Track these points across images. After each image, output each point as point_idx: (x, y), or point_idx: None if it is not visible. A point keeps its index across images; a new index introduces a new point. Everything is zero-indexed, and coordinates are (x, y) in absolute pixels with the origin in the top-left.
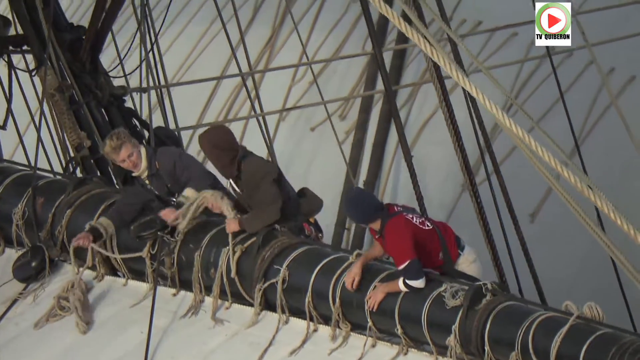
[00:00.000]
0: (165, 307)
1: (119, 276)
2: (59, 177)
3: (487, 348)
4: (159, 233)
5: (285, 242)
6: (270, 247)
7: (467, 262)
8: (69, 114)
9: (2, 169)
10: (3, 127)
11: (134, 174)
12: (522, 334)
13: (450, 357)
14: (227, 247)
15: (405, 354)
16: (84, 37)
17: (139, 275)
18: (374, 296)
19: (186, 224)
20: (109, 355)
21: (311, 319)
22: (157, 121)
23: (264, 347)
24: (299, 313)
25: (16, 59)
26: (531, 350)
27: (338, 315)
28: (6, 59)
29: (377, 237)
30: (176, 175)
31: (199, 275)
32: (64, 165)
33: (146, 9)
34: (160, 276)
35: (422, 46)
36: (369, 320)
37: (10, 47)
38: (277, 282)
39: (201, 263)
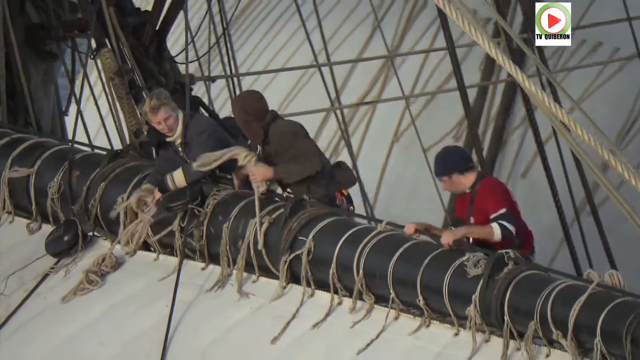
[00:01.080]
0: (193, 281)
1: (151, 251)
2: (97, 151)
3: (506, 318)
4: (188, 205)
5: (312, 213)
6: (298, 218)
7: None
8: (128, 98)
9: (42, 143)
10: (65, 113)
11: (168, 139)
12: (541, 302)
13: (470, 328)
14: (255, 218)
15: (428, 326)
16: None
17: (171, 249)
18: (452, 233)
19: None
20: (132, 327)
21: (336, 292)
22: (226, 112)
23: (287, 320)
24: (325, 286)
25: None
26: (550, 319)
27: (361, 286)
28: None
29: (459, 196)
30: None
31: (227, 247)
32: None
33: None
34: (190, 250)
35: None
36: (391, 291)
37: (75, 31)
38: (302, 253)
39: (229, 235)
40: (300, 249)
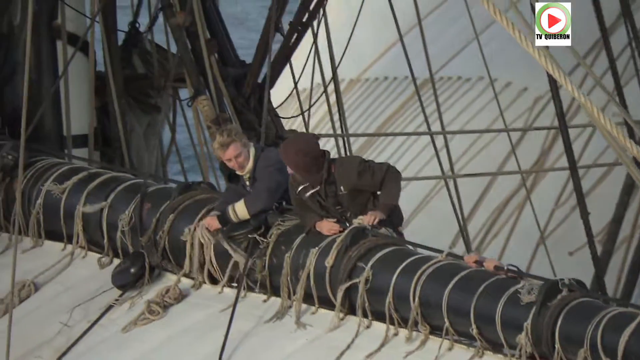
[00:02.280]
0: (253, 312)
1: (217, 284)
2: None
3: (557, 346)
4: (251, 234)
5: (373, 242)
6: (358, 247)
7: None
8: None
9: (117, 177)
10: (166, 158)
11: (238, 172)
12: (591, 330)
13: (520, 356)
14: (315, 248)
15: (481, 356)
16: None
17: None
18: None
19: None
20: (188, 356)
21: (391, 322)
22: None
23: (341, 350)
24: (382, 316)
25: None
26: (599, 347)
27: (417, 314)
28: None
29: None
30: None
31: (288, 278)
32: None
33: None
34: (253, 281)
35: None
36: (445, 320)
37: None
38: (359, 282)
39: (291, 265)
40: (358, 278)
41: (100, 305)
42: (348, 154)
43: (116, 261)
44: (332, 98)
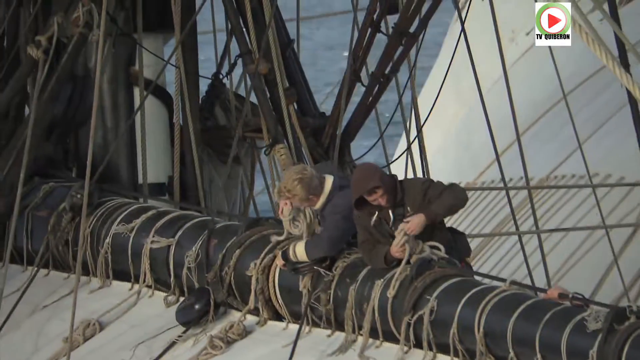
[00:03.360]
0: (316, 347)
1: (282, 321)
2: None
3: None
4: (315, 267)
5: (439, 273)
6: (423, 278)
7: None
8: None
9: (185, 215)
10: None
11: None
12: None
13: None
14: (380, 280)
15: None
16: None
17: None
18: None
19: None
20: None
21: (456, 354)
22: None
23: None
24: (448, 349)
25: None
26: None
27: (481, 345)
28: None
29: None
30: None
31: (352, 311)
32: None
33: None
34: (318, 317)
35: None
36: (510, 351)
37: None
38: (424, 313)
39: (355, 298)
40: (422, 310)
41: (164, 342)
42: None
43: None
44: None
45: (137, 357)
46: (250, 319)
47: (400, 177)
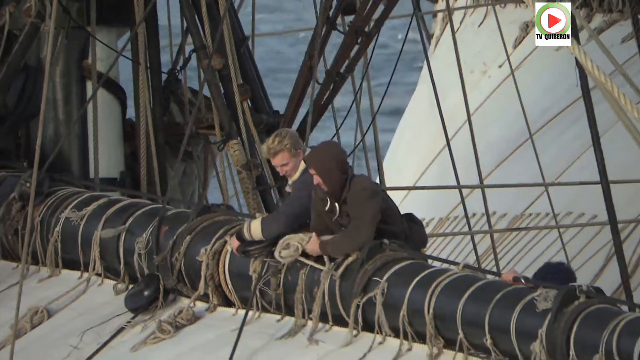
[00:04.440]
0: (265, 331)
1: (232, 307)
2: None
3: (572, 352)
4: (266, 249)
5: (390, 256)
6: (374, 261)
7: None
8: (255, 193)
9: (136, 203)
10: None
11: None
12: (607, 335)
13: None
14: (331, 263)
15: None
16: None
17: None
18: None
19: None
20: None
21: (405, 337)
22: None
23: None
24: (397, 332)
25: None
26: (615, 353)
27: (431, 327)
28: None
29: None
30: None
31: (302, 295)
32: None
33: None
34: (268, 302)
35: None
36: (460, 332)
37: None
38: (374, 295)
39: (305, 282)
40: (372, 292)
41: (113, 328)
42: None
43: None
44: None
45: (85, 342)
46: (200, 305)
47: None
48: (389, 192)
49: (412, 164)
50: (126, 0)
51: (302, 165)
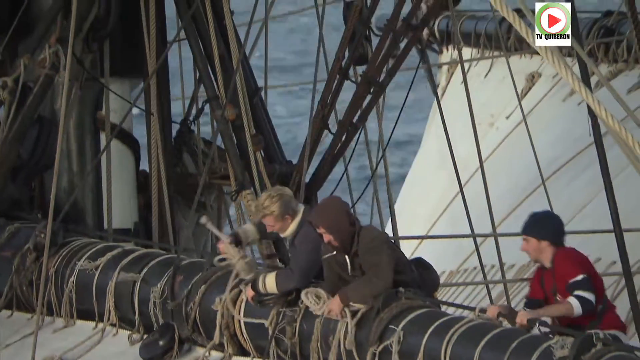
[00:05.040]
0: None
1: (247, 356)
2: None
3: None
4: (282, 298)
5: (405, 304)
6: (390, 309)
7: None
8: (268, 243)
9: (150, 253)
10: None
11: None
12: None
13: None
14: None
15: None
16: None
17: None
18: (527, 313)
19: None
20: None
21: None
22: None
23: None
24: None
25: None
26: None
27: None
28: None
29: (539, 277)
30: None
31: (318, 344)
32: None
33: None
34: (283, 351)
35: None
36: None
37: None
38: (390, 344)
39: (321, 331)
40: (389, 341)
41: None
42: None
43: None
44: None
45: None
46: (215, 354)
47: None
48: (400, 242)
49: (422, 216)
50: (139, 51)
51: (297, 221)
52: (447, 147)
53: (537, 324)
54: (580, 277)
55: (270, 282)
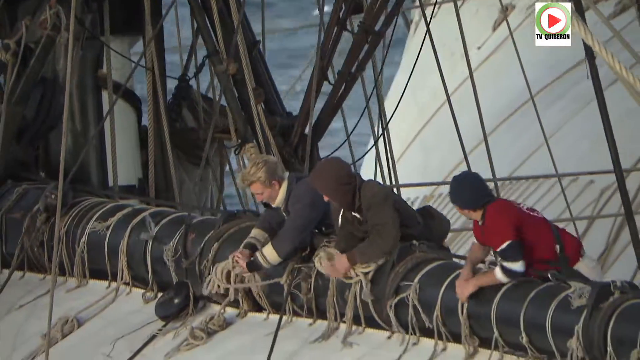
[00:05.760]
0: (299, 335)
1: (262, 312)
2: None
3: (609, 349)
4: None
5: (420, 257)
6: (405, 263)
7: (586, 268)
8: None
9: (162, 211)
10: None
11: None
12: None
13: None
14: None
15: None
16: None
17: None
18: (464, 288)
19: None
20: None
21: (440, 337)
22: None
23: None
24: (430, 332)
25: None
26: None
27: (465, 327)
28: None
29: (478, 230)
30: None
31: (334, 299)
32: None
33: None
34: (299, 306)
35: None
36: (495, 331)
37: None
38: (407, 297)
39: (336, 286)
40: (405, 294)
41: (144, 337)
42: None
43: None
44: None
45: (117, 351)
46: (230, 311)
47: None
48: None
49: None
50: (137, 9)
51: (284, 188)
52: (418, 79)
53: (549, 275)
54: (505, 244)
55: (269, 253)
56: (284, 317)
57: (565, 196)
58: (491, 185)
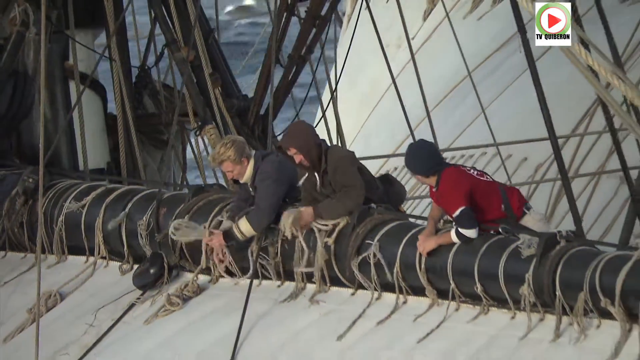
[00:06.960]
0: (268, 296)
1: (233, 277)
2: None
3: (558, 293)
4: None
5: (378, 219)
6: (364, 224)
7: (533, 221)
8: None
9: (133, 189)
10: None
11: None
12: (589, 274)
13: (524, 307)
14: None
15: (486, 313)
16: None
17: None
18: (425, 244)
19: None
20: (206, 338)
21: (400, 291)
22: None
23: (353, 320)
24: (391, 288)
25: None
26: (598, 289)
27: (425, 279)
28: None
29: (434, 194)
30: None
31: (300, 261)
32: None
33: None
34: (267, 270)
35: None
36: (451, 282)
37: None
38: (369, 255)
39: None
40: (366, 252)
41: (124, 306)
42: None
43: (137, 267)
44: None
45: (99, 320)
46: (203, 278)
47: None
48: None
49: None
50: (98, 3)
51: (251, 165)
52: (355, 70)
53: (500, 228)
54: (458, 211)
55: (244, 226)
56: (256, 281)
57: (505, 167)
58: None
